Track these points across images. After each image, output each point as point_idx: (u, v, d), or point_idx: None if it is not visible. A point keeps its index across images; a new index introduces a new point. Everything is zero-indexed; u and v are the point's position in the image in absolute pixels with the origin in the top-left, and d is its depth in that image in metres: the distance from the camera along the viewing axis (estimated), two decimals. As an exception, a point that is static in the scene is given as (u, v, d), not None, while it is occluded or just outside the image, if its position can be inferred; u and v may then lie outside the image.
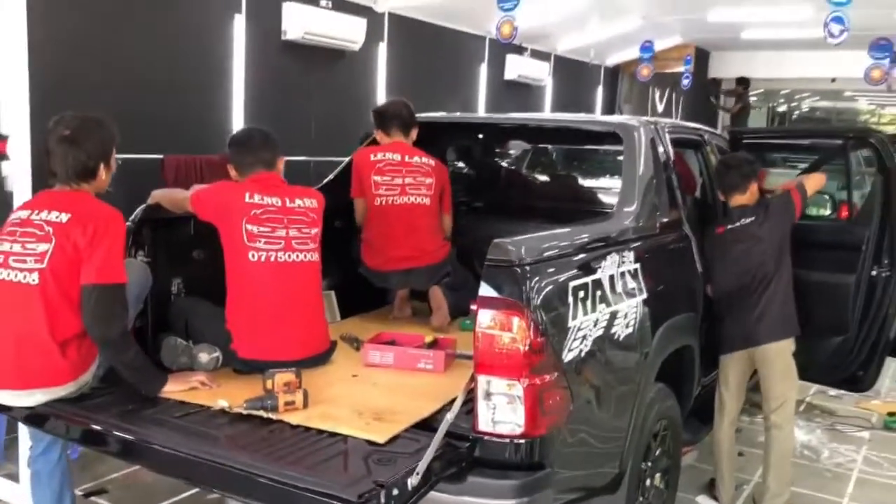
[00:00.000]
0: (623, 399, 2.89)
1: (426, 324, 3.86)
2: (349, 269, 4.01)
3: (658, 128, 3.73)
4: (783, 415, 3.75)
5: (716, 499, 3.96)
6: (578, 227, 3.06)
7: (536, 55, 10.27)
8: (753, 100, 15.26)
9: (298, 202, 3.19)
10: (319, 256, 3.23)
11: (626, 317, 2.88)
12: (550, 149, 6.10)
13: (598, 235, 2.99)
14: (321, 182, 4.15)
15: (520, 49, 9.76)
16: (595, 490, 2.81)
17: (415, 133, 4.06)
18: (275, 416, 2.63)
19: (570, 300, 2.57)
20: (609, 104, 12.67)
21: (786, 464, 3.81)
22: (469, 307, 2.48)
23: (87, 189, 2.83)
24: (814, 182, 3.95)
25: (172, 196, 3.33)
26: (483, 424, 2.40)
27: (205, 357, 3.04)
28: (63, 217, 2.70)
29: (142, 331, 3.15)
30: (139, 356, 2.78)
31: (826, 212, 5.14)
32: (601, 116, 9.15)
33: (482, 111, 9.25)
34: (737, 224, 3.72)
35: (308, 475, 2.20)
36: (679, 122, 4.75)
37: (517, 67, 9.72)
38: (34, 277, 2.66)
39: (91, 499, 3.78)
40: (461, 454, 2.39)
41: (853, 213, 4.47)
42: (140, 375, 2.80)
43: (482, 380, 2.39)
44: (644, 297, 3.00)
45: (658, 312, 3.09)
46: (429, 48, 8.30)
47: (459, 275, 4.03)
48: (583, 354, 2.60)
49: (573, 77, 11.45)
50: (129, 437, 2.55)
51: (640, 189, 3.36)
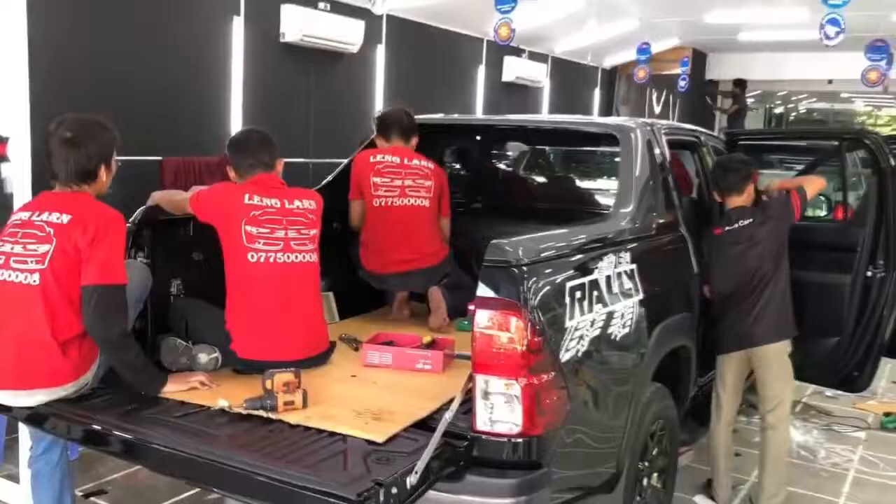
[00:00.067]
0: (620, 399, 2.91)
1: (425, 324, 3.86)
2: (348, 270, 4.02)
3: (654, 129, 3.74)
4: (779, 415, 3.77)
5: (713, 499, 3.97)
6: (575, 228, 3.07)
7: (534, 57, 10.31)
8: (751, 101, 15.31)
9: (297, 203, 3.20)
10: (318, 257, 3.24)
11: (623, 317, 2.89)
12: (548, 150, 6.12)
13: (595, 236, 3.00)
14: (320, 183, 4.17)
15: (517, 51, 9.80)
16: (592, 489, 2.82)
17: (415, 141, 4.07)
18: (274, 416, 2.63)
19: (568, 300, 2.59)
20: (606, 106, 12.70)
21: (781, 464, 3.82)
22: (467, 308, 2.49)
23: (88, 190, 2.84)
24: (814, 186, 3.93)
25: (172, 198, 3.34)
26: (481, 424, 2.42)
27: (204, 357, 3.05)
28: (64, 218, 2.71)
29: (142, 332, 3.15)
30: (139, 357, 2.79)
31: (822, 213, 5.17)
32: (598, 118, 9.17)
33: (480, 113, 9.27)
34: (735, 226, 3.72)
35: (307, 474, 2.21)
36: (675, 124, 4.76)
37: (515, 69, 9.76)
38: (35, 278, 2.67)
39: (90, 499, 3.79)
40: (459, 453, 2.41)
41: (848, 214, 4.49)
42: (140, 376, 2.81)
43: (480, 379, 2.40)
44: (640, 298, 3.02)
45: (654, 313, 3.11)
46: (427, 50, 8.32)
47: (457, 276, 4.05)
48: (580, 354, 2.62)
49: (570, 79, 11.48)
50: (130, 437, 2.56)
51: (637, 190, 3.38)
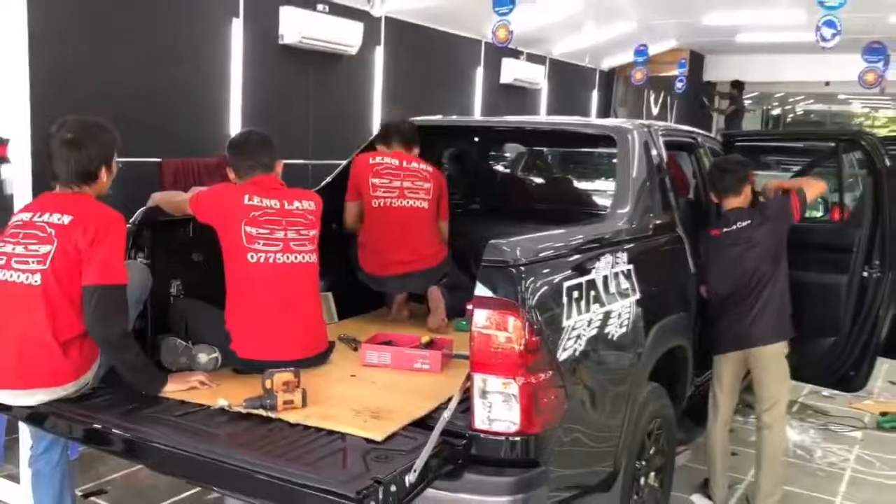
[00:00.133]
0: (617, 398, 2.92)
1: (423, 325, 3.88)
2: (347, 271, 4.03)
3: (651, 131, 3.75)
4: (775, 415, 3.78)
5: (710, 498, 3.98)
6: (573, 229, 3.09)
7: (532, 59, 10.33)
8: (748, 103, 15.33)
9: (297, 204, 3.21)
10: (317, 258, 3.26)
11: (620, 317, 2.91)
12: (546, 151, 6.15)
13: (593, 237, 3.02)
14: (319, 185, 4.18)
15: (515, 53, 9.81)
16: (590, 488, 2.84)
17: (416, 151, 4.11)
18: (274, 415, 2.65)
19: (565, 300, 2.61)
20: (604, 107, 12.73)
21: (777, 463, 3.83)
22: (465, 308, 2.51)
23: (89, 192, 2.85)
24: (814, 189, 3.93)
25: (172, 199, 3.36)
26: (479, 422, 2.43)
27: (204, 357, 3.06)
28: (65, 219, 2.73)
29: (142, 332, 3.16)
30: (140, 356, 2.80)
31: (818, 213, 5.19)
32: (595, 119, 9.19)
33: (478, 114, 9.29)
34: (732, 227, 3.72)
35: (307, 472, 2.22)
36: (672, 125, 4.80)
37: (513, 71, 9.77)
38: (36, 278, 2.69)
39: (90, 499, 3.80)
40: (458, 452, 2.42)
41: (845, 215, 4.51)
42: (140, 375, 2.82)
43: (478, 378, 2.42)
44: (637, 298, 3.04)
45: (651, 313, 3.13)
46: (425, 52, 8.34)
47: (456, 276, 4.06)
48: (577, 354, 2.64)
49: (568, 80, 11.50)
50: (131, 436, 2.57)
51: (634, 191, 3.39)
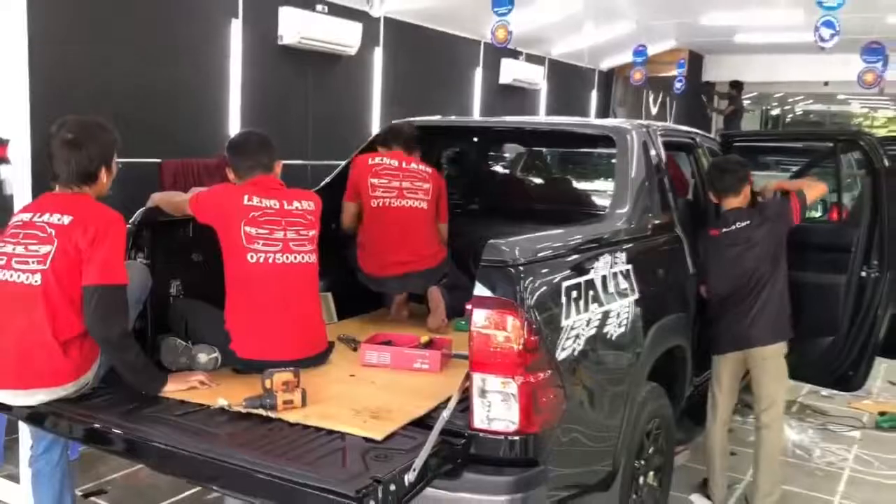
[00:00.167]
0: (615, 397, 2.93)
1: (423, 325, 3.89)
2: (346, 271, 4.04)
3: (650, 131, 3.76)
4: (773, 415, 3.79)
5: (709, 498, 3.99)
6: (572, 229, 3.09)
7: (531, 59, 10.34)
8: (747, 103, 15.34)
9: (296, 204, 3.22)
10: (317, 258, 3.26)
11: (619, 316, 2.92)
12: (545, 152, 6.15)
13: (591, 237, 3.02)
14: (318, 185, 4.19)
15: (515, 53, 9.82)
16: (588, 487, 2.84)
17: (417, 154, 4.12)
18: (273, 415, 2.66)
19: (564, 300, 2.61)
20: (603, 108, 12.74)
21: (775, 463, 3.84)
22: (464, 308, 2.52)
23: (89, 192, 2.86)
24: (815, 191, 3.94)
25: (171, 199, 3.37)
26: (478, 422, 2.44)
27: (204, 357, 3.07)
28: (65, 219, 2.73)
29: (142, 332, 3.17)
30: (140, 356, 2.81)
31: (817, 214, 5.20)
32: (594, 120, 9.20)
33: (477, 115, 9.30)
34: (732, 227, 3.73)
35: (307, 471, 2.23)
36: (671, 126, 4.81)
37: (512, 71, 9.78)
38: (37, 278, 2.69)
39: (90, 499, 3.81)
40: (457, 451, 2.43)
41: (843, 215, 4.51)
42: (140, 375, 2.83)
43: (477, 378, 2.43)
44: (636, 298, 3.04)
45: (650, 312, 3.13)
46: (424, 52, 8.35)
47: (455, 276, 4.07)
48: (576, 353, 2.64)
49: (568, 81, 11.51)
50: (131, 436, 2.58)
51: (633, 191, 3.40)
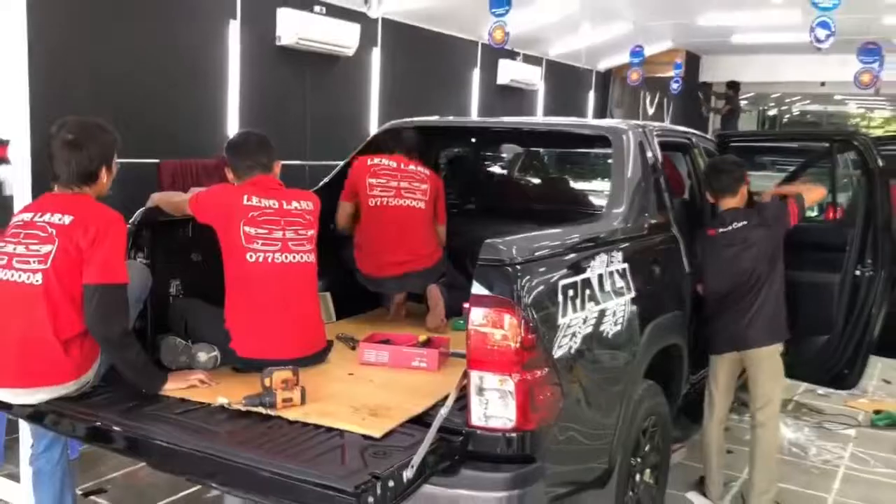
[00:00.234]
0: (612, 395, 2.95)
1: (421, 324, 3.91)
2: (345, 271, 4.06)
3: (646, 131, 3.77)
4: (768, 413, 3.81)
5: (705, 495, 4.01)
6: (568, 228, 3.11)
7: (528, 60, 10.36)
8: (744, 104, 15.38)
9: (295, 204, 3.24)
10: (316, 258, 3.28)
11: (615, 315, 2.94)
12: (542, 152, 6.17)
13: (588, 236, 3.04)
14: (316, 185, 4.21)
15: (512, 54, 9.84)
16: (585, 484, 2.86)
17: (416, 160, 4.14)
18: (273, 413, 2.68)
19: (560, 298, 2.63)
20: (601, 108, 12.76)
21: (771, 461, 3.86)
22: (462, 308, 2.54)
23: (89, 192, 2.87)
24: (813, 195, 3.97)
25: (171, 199, 3.39)
26: (476, 419, 2.46)
27: (203, 356, 3.09)
28: (66, 219, 2.75)
29: (142, 331, 3.19)
30: (140, 355, 2.83)
31: (813, 213, 5.22)
32: (591, 120, 9.23)
33: (475, 115, 9.32)
34: (729, 227, 3.74)
35: (306, 468, 2.25)
36: (667, 126, 4.83)
37: (509, 72, 9.80)
38: (38, 278, 2.71)
39: (90, 498, 3.82)
40: (454, 448, 2.45)
41: (838, 214, 4.54)
42: (141, 374, 2.85)
43: (475, 375, 2.45)
44: (632, 296, 3.06)
45: (646, 311, 3.15)
46: (422, 53, 8.37)
47: (452, 276, 4.09)
48: (572, 351, 2.66)
49: (565, 81, 11.54)
50: (132, 434, 2.60)
51: (629, 191, 3.42)
